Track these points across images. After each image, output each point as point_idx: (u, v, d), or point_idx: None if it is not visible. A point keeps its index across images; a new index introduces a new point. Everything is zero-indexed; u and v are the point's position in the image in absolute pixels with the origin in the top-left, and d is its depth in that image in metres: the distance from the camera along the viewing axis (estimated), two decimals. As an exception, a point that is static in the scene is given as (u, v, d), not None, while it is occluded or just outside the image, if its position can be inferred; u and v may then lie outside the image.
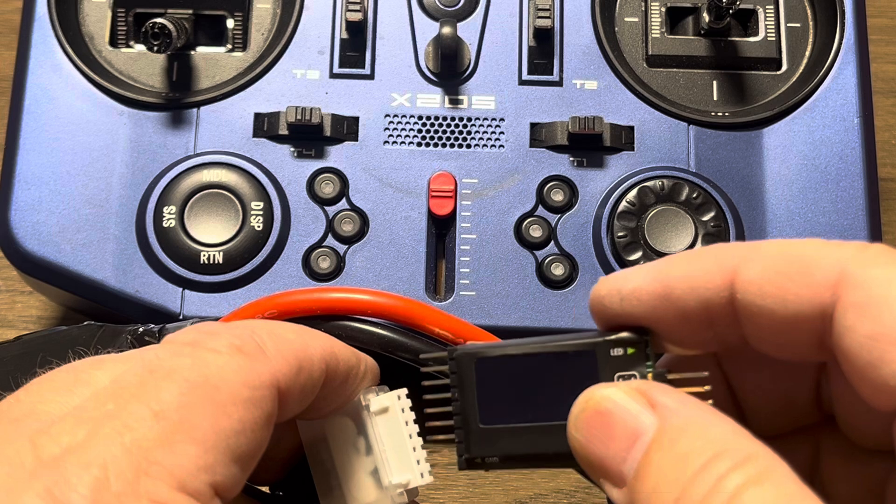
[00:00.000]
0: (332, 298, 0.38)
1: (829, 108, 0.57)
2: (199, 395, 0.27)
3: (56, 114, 0.56)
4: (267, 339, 0.30)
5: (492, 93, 0.57)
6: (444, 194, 0.55)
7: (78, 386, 0.29)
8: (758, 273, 0.28)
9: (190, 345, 0.29)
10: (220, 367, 0.28)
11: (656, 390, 0.28)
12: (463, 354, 0.31)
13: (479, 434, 0.31)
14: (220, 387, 0.28)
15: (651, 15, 0.59)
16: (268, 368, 0.29)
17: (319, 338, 0.32)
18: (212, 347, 0.29)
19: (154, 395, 0.27)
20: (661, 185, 0.55)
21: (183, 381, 0.27)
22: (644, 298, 0.29)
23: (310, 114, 0.55)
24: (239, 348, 0.29)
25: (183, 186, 0.55)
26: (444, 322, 0.38)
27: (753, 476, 0.25)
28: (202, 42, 0.58)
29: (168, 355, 0.29)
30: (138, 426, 0.26)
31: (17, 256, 0.55)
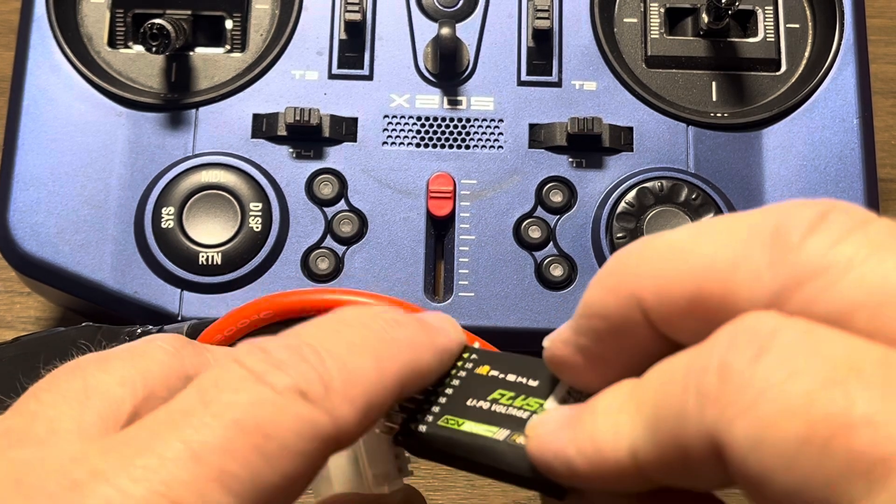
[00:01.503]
0: (329, 300, 0.38)
1: (828, 109, 0.57)
2: (246, 442, 0.25)
3: (55, 114, 0.56)
4: (335, 379, 0.27)
5: (491, 94, 0.57)
6: (442, 195, 0.55)
7: (90, 396, 0.28)
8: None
9: (253, 375, 0.26)
10: (276, 411, 0.26)
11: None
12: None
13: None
14: (272, 436, 0.25)
15: (650, 16, 0.59)
16: (331, 423, 0.26)
17: (401, 349, 0.29)
18: (273, 384, 0.26)
19: (197, 434, 0.25)
20: (661, 186, 0.55)
21: (232, 422, 0.25)
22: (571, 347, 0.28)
23: (308, 115, 0.55)
24: (303, 393, 0.26)
25: (181, 187, 0.54)
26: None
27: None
28: (201, 43, 0.58)
29: (227, 385, 0.26)
30: (172, 466, 0.25)
31: (16, 257, 0.54)
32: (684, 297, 0.25)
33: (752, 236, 0.24)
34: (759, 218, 0.24)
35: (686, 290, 0.25)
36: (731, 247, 0.24)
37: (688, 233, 0.25)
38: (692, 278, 0.24)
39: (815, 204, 0.24)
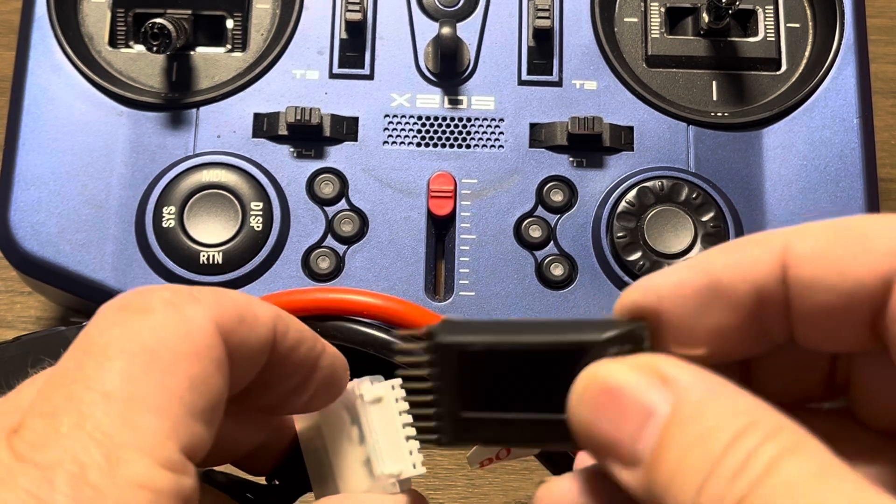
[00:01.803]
0: (329, 299, 0.38)
1: (828, 109, 0.57)
2: (139, 363, 0.26)
3: (55, 114, 0.56)
4: (205, 292, 0.29)
5: (491, 93, 0.57)
6: (443, 194, 0.55)
7: (58, 383, 0.28)
8: (811, 246, 0.26)
9: (120, 309, 0.28)
10: (153, 328, 0.27)
11: (666, 364, 0.26)
12: (443, 344, 0.29)
13: (460, 422, 0.29)
14: (158, 349, 0.27)
15: (650, 15, 0.59)
16: (204, 313, 0.28)
17: (267, 304, 0.31)
18: (142, 307, 0.28)
19: (96, 377, 0.26)
20: (661, 185, 0.55)
21: (119, 353, 0.27)
22: (688, 294, 0.27)
23: (309, 114, 0.55)
24: (170, 301, 0.28)
25: (182, 187, 0.55)
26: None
27: (788, 446, 0.23)
28: (202, 42, 0.58)
29: (98, 329, 0.28)
30: (93, 411, 0.25)
31: (17, 257, 0.54)
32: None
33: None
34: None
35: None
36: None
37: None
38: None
39: None
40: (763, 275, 0.27)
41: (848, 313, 0.26)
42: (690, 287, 0.27)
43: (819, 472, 0.23)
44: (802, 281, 0.26)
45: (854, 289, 0.26)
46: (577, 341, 0.28)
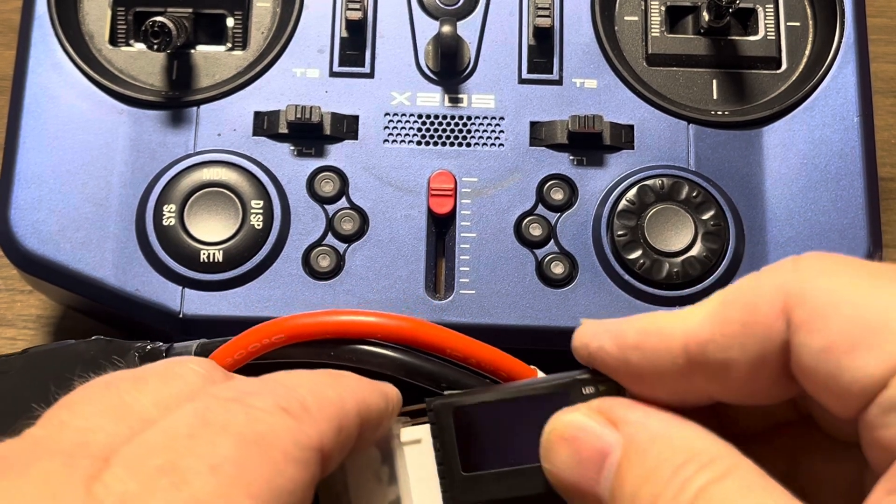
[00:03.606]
0: (341, 322, 0.37)
1: (828, 108, 0.57)
2: (254, 451, 0.27)
3: (56, 112, 0.56)
4: (309, 398, 0.30)
5: (491, 91, 0.57)
6: (443, 193, 0.55)
7: (124, 412, 0.28)
8: (707, 331, 0.28)
9: (235, 401, 0.29)
10: (271, 425, 0.28)
11: (618, 406, 0.29)
12: (440, 405, 0.32)
13: (462, 481, 0.32)
14: (274, 444, 0.27)
15: (651, 14, 0.59)
16: (314, 431, 0.29)
17: (352, 388, 0.32)
18: (257, 406, 0.28)
19: (210, 449, 0.26)
20: (661, 183, 0.55)
21: (237, 436, 0.27)
22: (606, 360, 0.30)
23: (310, 112, 0.55)
24: (285, 409, 0.29)
25: (183, 185, 0.55)
26: (454, 342, 0.37)
27: (718, 473, 0.26)
28: (202, 41, 0.58)
29: (218, 408, 0.28)
30: (195, 480, 0.26)
31: (17, 255, 0.54)
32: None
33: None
34: None
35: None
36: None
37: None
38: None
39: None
40: (670, 361, 0.29)
41: (759, 377, 0.28)
42: (608, 355, 0.30)
43: (747, 490, 0.25)
44: (707, 363, 0.28)
45: (756, 358, 0.28)
46: (557, 385, 0.31)
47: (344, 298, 0.54)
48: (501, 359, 0.36)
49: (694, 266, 0.54)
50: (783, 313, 0.27)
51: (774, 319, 0.27)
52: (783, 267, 0.28)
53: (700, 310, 0.29)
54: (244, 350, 0.37)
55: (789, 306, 0.27)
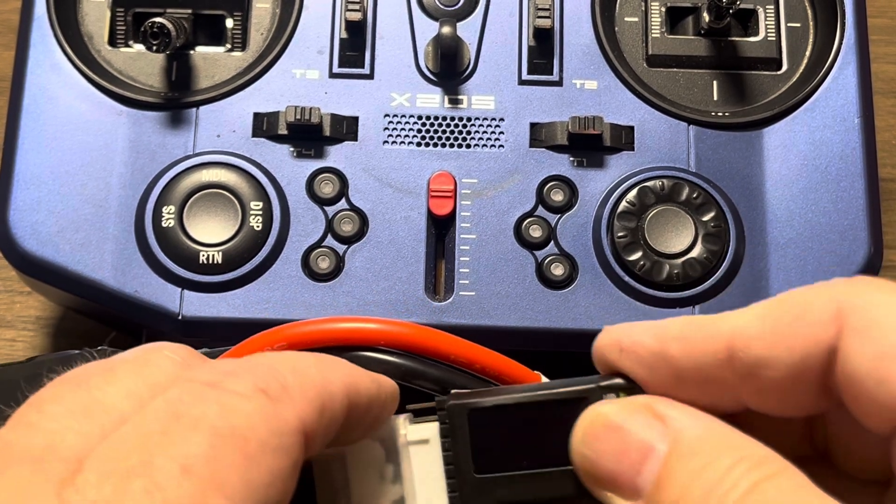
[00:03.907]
0: (343, 329, 0.37)
1: (829, 108, 0.57)
2: (227, 446, 0.26)
3: (55, 113, 0.56)
4: (290, 378, 0.28)
5: (491, 93, 0.57)
6: (443, 194, 0.55)
7: (95, 409, 0.27)
8: (757, 328, 0.29)
9: (211, 386, 0.27)
10: (247, 414, 0.27)
11: (661, 404, 0.29)
12: (455, 406, 0.32)
13: (474, 483, 0.31)
14: (249, 436, 0.26)
15: (651, 15, 0.59)
16: (294, 413, 0.28)
17: (339, 368, 0.31)
18: (235, 390, 0.27)
19: (182, 448, 0.25)
20: (662, 185, 0.55)
21: (210, 430, 0.26)
22: (642, 354, 0.30)
23: (309, 113, 0.55)
24: (263, 391, 0.27)
25: (182, 186, 0.54)
26: (457, 347, 0.37)
27: (770, 473, 0.26)
28: (201, 42, 0.58)
29: (192, 399, 0.27)
30: (168, 484, 0.25)
31: (16, 256, 0.54)
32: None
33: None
34: None
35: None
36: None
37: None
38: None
39: None
40: (709, 356, 0.29)
41: (798, 382, 0.28)
42: (644, 349, 0.30)
43: (798, 488, 0.26)
44: (750, 361, 0.29)
45: (799, 362, 0.28)
46: (577, 390, 0.31)
47: (343, 300, 0.53)
48: (504, 364, 0.36)
49: (694, 267, 0.54)
50: (836, 319, 0.28)
51: (826, 323, 0.28)
52: (836, 281, 0.29)
53: (750, 310, 0.29)
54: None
55: (843, 313, 0.28)
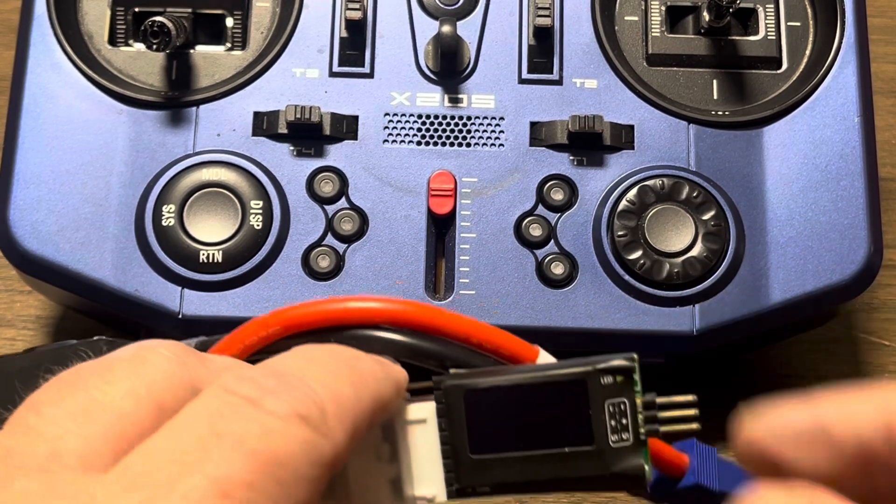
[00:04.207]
0: (338, 310, 0.36)
1: (829, 108, 0.57)
2: (266, 473, 0.25)
3: (55, 113, 0.56)
4: (329, 405, 0.27)
5: (491, 91, 0.57)
6: (443, 193, 0.55)
7: (95, 410, 0.26)
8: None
9: (252, 404, 0.26)
10: (287, 441, 0.26)
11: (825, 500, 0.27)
12: (451, 386, 0.32)
13: (469, 464, 0.31)
14: (287, 464, 0.26)
15: (651, 14, 0.59)
16: (331, 445, 0.27)
17: (368, 381, 0.30)
18: (275, 411, 0.26)
19: (222, 469, 0.25)
20: (662, 183, 0.55)
21: (251, 455, 0.25)
22: (799, 434, 0.28)
23: (309, 112, 0.55)
24: (304, 418, 0.26)
25: (182, 185, 0.54)
26: (454, 324, 0.36)
27: None
28: (201, 41, 0.58)
29: (232, 415, 0.26)
30: (200, 500, 0.24)
31: (16, 255, 0.54)
32: None
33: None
34: None
35: None
36: None
37: None
38: None
39: None
40: (869, 431, 0.27)
41: None
42: (798, 427, 0.28)
43: None
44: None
45: None
46: (575, 372, 0.31)
47: (344, 299, 0.53)
48: (502, 338, 0.35)
49: (694, 266, 0.54)
50: None
51: None
52: None
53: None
54: (241, 344, 0.36)
55: None
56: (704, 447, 0.34)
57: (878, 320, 0.64)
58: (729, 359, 0.61)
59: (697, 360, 0.56)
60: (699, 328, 0.54)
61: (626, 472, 0.31)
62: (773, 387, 0.61)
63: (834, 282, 0.55)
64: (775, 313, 0.54)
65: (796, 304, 0.54)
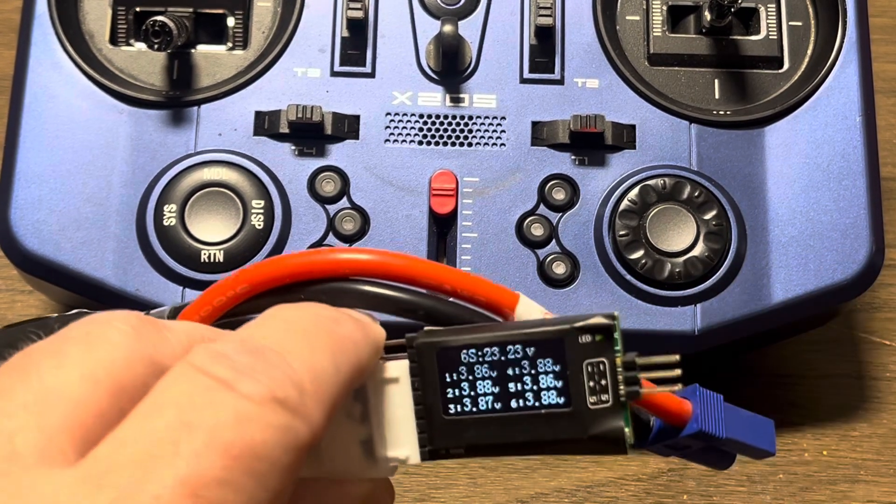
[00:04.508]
0: (303, 262, 0.35)
1: (830, 107, 0.57)
2: (241, 467, 0.24)
3: (56, 112, 0.56)
4: (308, 384, 0.26)
5: (493, 91, 0.57)
6: (445, 193, 0.55)
7: (50, 398, 0.24)
8: None
9: (225, 386, 0.25)
10: (262, 428, 0.24)
11: None
12: (423, 344, 0.30)
13: (442, 424, 0.30)
14: (262, 454, 0.24)
15: (653, 13, 0.59)
16: (308, 427, 0.25)
17: (349, 349, 0.28)
18: (250, 395, 0.25)
19: (194, 468, 0.23)
20: (663, 183, 0.55)
21: (225, 449, 0.24)
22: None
23: (311, 112, 0.55)
24: (281, 401, 0.25)
25: (183, 185, 0.54)
26: (435, 273, 0.35)
27: None
28: (203, 40, 0.58)
29: (203, 401, 0.24)
30: (167, 496, 0.23)
31: (17, 255, 0.54)
32: None
33: None
34: None
35: None
36: None
37: None
38: None
39: None
40: None
41: None
42: None
43: None
44: None
45: None
46: (552, 331, 0.30)
47: (345, 298, 0.53)
48: (477, 284, 0.34)
49: (696, 266, 0.54)
50: None
51: None
52: None
53: None
54: (209, 306, 0.35)
55: None
56: (709, 393, 0.33)
57: (879, 320, 0.64)
58: (730, 358, 0.61)
59: (699, 360, 0.56)
60: (701, 328, 0.54)
61: (604, 435, 0.29)
62: (774, 387, 0.62)
63: (835, 281, 0.55)
64: (777, 313, 0.54)
65: (798, 303, 0.54)
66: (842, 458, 0.59)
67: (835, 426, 0.60)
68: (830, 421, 0.61)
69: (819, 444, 0.60)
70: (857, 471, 0.59)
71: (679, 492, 0.58)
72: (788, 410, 0.61)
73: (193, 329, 0.29)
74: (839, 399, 0.61)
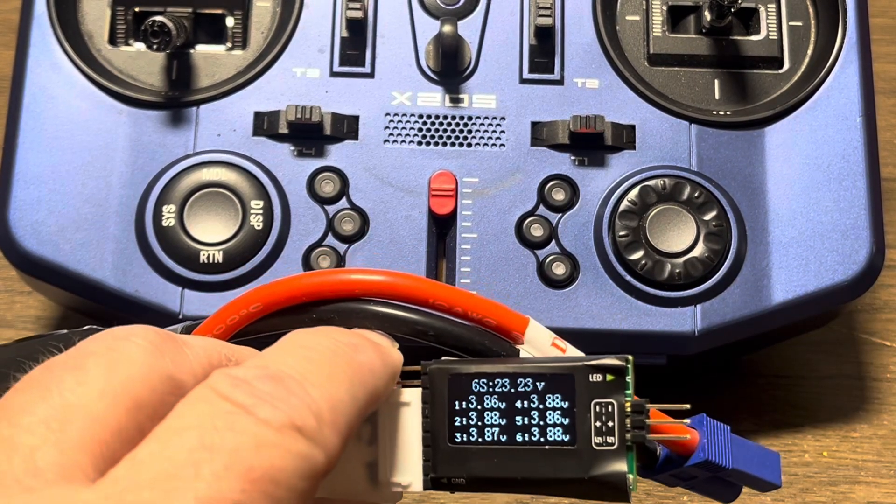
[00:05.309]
0: (318, 282, 0.35)
1: (831, 108, 0.57)
2: (258, 491, 0.24)
3: (55, 113, 0.56)
4: (325, 413, 0.26)
5: (493, 91, 0.57)
6: (444, 193, 0.55)
7: (70, 414, 0.25)
8: None
9: (244, 411, 0.25)
10: (281, 454, 0.25)
11: None
12: (436, 370, 0.31)
13: (447, 452, 0.30)
14: (279, 480, 0.25)
15: (652, 13, 0.59)
16: (325, 455, 0.26)
17: (365, 377, 0.29)
18: (269, 421, 0.25)
19: (213, 491, 0.23)
20: (663, 184, 0.55)
21: (244, 473, 0.24)
22: None
23: (310, 112, 0.55)
24: (300, 429, 0.25)
25: (182, 185, 0.54)
26: (447, 295, 0.35)
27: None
28: (202, 40, 0.58)
29: (223, 424, 0.25)
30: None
31: (16, 256, 0.54)
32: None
33: None
34: None
35: None
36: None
37: None
38: None
39: None
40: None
41: None
42: None
43: None
44: None
45: None
46: (563, 367, 0.30)
47: (344, 299, 0.53)
48: (489, 308, 0.34)
49: (696, 267, 0.54)
50: None
51: None
52: None
53: None
54: (222, 325, 0.35)
55: None
56: (716, 423, 0.33)
57: (879, 321, 0.64)
58: (730, 359, 0.61)
59: (699, 361, 0.56)
60: (701, 329, 0.54)
61: (606, 479, 0.29)
62: (774, 387, 0.62)
63: (836, 282, 0.55)
64: (777, 314, 0.54)
65: (798, 304, 0.54)
66: (842, 460, 0.59)
67: (835, 427, 0.60)
68: (831, 422, 0.61)
69: (819, 446, 0.60)
70: (858, 472, 0.59)
71: (679, 492, 0.57)
72: (789, 411, 0.61)
73: (211, 345, 0.30)
74: (839, 400, 0.61)
